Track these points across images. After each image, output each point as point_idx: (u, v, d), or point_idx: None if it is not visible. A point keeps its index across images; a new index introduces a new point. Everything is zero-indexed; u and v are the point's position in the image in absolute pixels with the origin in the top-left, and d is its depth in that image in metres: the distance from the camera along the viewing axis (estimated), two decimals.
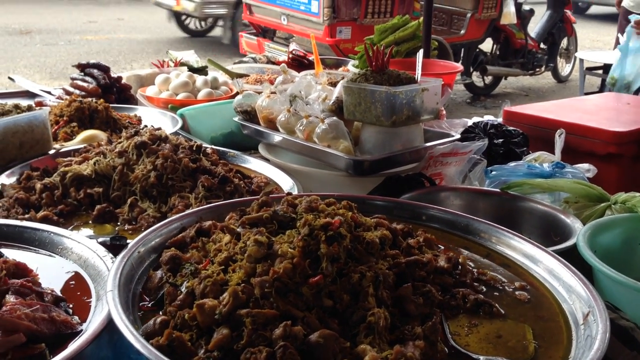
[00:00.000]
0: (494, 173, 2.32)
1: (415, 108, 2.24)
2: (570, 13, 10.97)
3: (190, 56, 4.18)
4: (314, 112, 2.33)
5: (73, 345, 1.18)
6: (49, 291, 1.36)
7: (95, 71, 3.40)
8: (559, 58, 11.21)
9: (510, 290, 1.48)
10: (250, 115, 2.64)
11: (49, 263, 1.55)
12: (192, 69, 3.92)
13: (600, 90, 8.12)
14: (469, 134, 2.67)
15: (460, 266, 1.52)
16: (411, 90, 2.21)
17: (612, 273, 1.56)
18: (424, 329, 1.24)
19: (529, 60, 10.35)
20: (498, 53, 10.27)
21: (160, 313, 1.28)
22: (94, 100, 2.90)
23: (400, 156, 2.29)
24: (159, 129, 2.31)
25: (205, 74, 3.84)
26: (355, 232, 1.36)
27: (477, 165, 2.41)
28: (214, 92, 3.45)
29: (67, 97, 3.05)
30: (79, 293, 1.43)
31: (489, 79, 10.46)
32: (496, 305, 1.40)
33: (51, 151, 2.37)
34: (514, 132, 2.71)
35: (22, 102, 2.54)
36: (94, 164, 2.10)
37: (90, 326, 1.26)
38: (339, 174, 2.28)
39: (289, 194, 1.62)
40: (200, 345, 1.17)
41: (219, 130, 2.91)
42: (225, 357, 1.15)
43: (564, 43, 11.18)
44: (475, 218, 1.77)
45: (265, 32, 9.98)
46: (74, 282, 1.47)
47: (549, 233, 1.98)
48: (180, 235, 1.58)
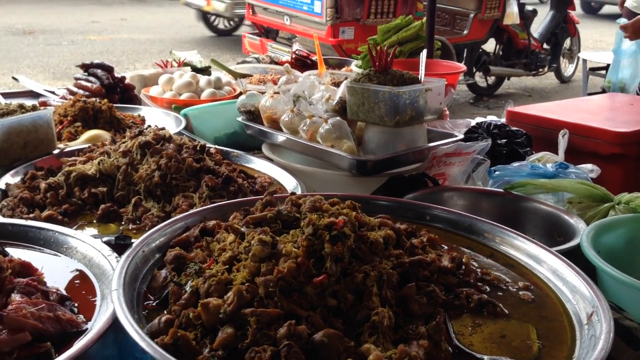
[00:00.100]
0: (497, 173, 2.32)
1: (419, 108, 2.24)
2: (574, 13, 10.96)
3: (194, 56, 4.18)
4: (317, 112, 2.33)
5: (78, 344, 1.18)
6: (54, 290, 1.36)
7: (99, 71, 3.41)
8: (561, 58, 11.18)
9: (514, 290, 1.48)
10: (253, 115, 2.64)
11: (53, 262, 1.56)
12: (196, 69, 3.93)
13: (604, 90, 8.11)
14: (472, 134, 2.67)
15: (464, 266, 1.52)
16: (415, 91, 2.21)
17: (616, 273, 1.56)
18: (428, 329, 1.24)
19: (532, 60, 10.35)
20: (501, 53, 10.27)
21: (165, 312, 1.29)
22: (98, 100, 2.91)
23: (404, 156, 2.29)
24: (163, 128, 2.31)
25: (209, 74, 3.85)
26: (359, 232, 1.36)
27: (481, 166, 2.40)
28: (218, 92, 3.45)
29: (71, 97, 3.06)
30: (84, 292, 1.43)
31: (491, 80, 10.46)
32: (500, 305, 1.40)
33: (55, 151, 2.37)
34: (517, 133, 2.71)
35: (26, 102, 2.54)
36: (98, 163, 2.10)
37: (96, 325, 1.27)
38: (342, 174, 2.28)
39: (293, 193, 1.62)
40: (205, 344, 1.18)
41: (223, 130, 2.91)
42: (229, 356, 1.15)
43: (567, 43, 11.17)
44: (479, 218, 1.77)
45: (268, 33, 10.00)
46: (78, 281, 1.48)
47: (552, 233, 1.98)
48: (185, 234, 1.58)
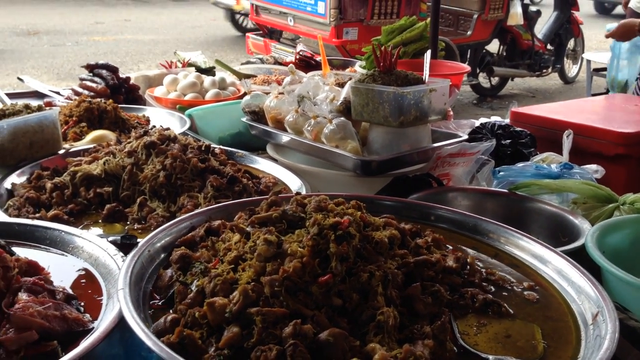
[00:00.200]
0: (501, 174, 2.32)
1: (423, 108, 2.24)
2: (579, 13, 10.93)
3: (198, 57, 4.19)
4: (321, 113, 2.33)
5: (85, 343, 1.19)
6: (61, 289, 1.37)
7: (104, 72, 3.41)
8: (565, 59, 11.17)
9: (519, 290, 1.49)
10: (258, 115, 2.65)
11: (60, 261, 1.56)
12: (200, 70, 3.93)
13: (607, 91, 8.08)
14: (476, 135, 2.67)
15: (468, 266, 1.52)
16: (419, 91, 2.21)
17: (621, 274, 1.56)
18: (433, 328, 1.25)
19: (536, 61, 10.33)
20: (505, 54, 10.25)
21: (171, 311, 1.29)
22: (103, 100, 2.92)
23: (408, 156, 2.29)
24: (168, 129, 2.32)
25: (213, 74, 3.86)
26: (364, 232, 1.36)
27: (485, 166, 2.40)
28: (222, 93, 3.46)
29: (76, 98, 3.07)
30: (90, 291, 1.44)
31: (495, 80, 10.44)
32: (505, 305, 1.40)
33: (61, 151, 2.38)
34: (521, 133, 2.71)
35: (32, 103, 2.55)
36: (104, 163, 2.11)
37: (102, 324, 1.27)
38: (346, 174, 2.28)
39: (298, 193, 1.63)
40: (211, 343, 1.18)
41: (227, 130, 2.92)
42: (235, 355, 1.15)
43: (571, 44, 11.15)
44: (484, 218, 1.77)
45: (271, 33, 10.00)
46: (84, 281, 1.49)
47: (557, 234, 1.98)
48: (190, 234, 1.58)
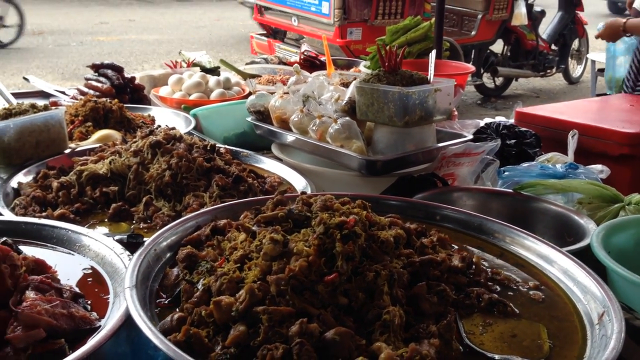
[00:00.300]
0: (506, 174, 2.32)
1: (428, 108, 2.24)
2: (583, 13, 10.91)
3: (202, 57, 4.20)
4: (326, 113, 2.34)
5: (92, 341, 1.19)
6: (68, 287, 1.38)
7: (109, 71, 3.43)
8: (570, 59, 11.14)
9: (525, 290, 1.49)
10: (263, 115, 2.65)
11: (67, 260, 1.57)
12: (205, 70, 3.94)
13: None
14: (481, 135, 2.67)
15: (474, 266, 1.52)
16: (424, 91, 2.21)
17: (627, 274, 1.56)
18: (439, 328, 1.25)
19: (540, 61, 10.32)
20: (509, 54, 10.24)
21: (177, 310, 1.29)
22: (108, 100, 2.93)
23: (413, 156, 2.29)
24: (173, 128, 2.32)
25: (218, 74, 3.87)
26: (369, 231, 1.36)
27: (490, 166, 2.40)
28: (227, 93, 3.46)
29: (82, 97, 3.08)
30: (97, 290, 1.45)
31: (499, 80, 10.43)
32: (510, 304, 1.40)
33: (67, 150, 2.39)
34: (526, 133, 2.71)
35: (37, 102, 2.56)
36: (110, 163, 2.12)
37: (109, 322, 1.28)
38: (351, 174, 2.29)
39: (304, 193, 1.63)
40: (217, 342, 1.18)
41: (232, 130, 2.92)
42: (241, 354, 1.16)
43: (575, 44, 11.13)
44: (489, 218, 1.77)
45: (275, 34, 10.01)
46: (91, 279, 1.49)
47: (562, 234, 1.98)
48: (196, 233, 1.59)
